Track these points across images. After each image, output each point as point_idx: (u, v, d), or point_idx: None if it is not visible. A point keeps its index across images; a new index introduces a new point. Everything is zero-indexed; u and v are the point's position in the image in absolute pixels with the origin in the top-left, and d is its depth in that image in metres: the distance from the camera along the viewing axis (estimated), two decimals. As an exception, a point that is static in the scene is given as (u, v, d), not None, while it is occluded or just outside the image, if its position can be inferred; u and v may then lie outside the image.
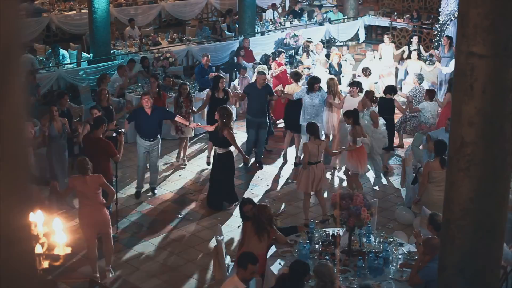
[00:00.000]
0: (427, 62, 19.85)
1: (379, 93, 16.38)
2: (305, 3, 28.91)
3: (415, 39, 20.86)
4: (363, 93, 14.25)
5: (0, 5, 1.43)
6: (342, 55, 19.26)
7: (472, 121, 5.25)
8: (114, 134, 11.88)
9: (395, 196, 13.39)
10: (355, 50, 24.38)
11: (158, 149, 13.20)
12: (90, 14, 18.36)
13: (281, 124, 16.62)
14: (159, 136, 13.19)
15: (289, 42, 21.31)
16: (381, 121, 13.85)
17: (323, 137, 13.63)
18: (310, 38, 20.62)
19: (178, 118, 13.39)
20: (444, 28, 21.37)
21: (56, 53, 18.69)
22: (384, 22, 25.48)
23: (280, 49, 18.80)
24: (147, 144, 12.94)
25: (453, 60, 18.11)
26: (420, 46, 20.82)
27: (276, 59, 18.04)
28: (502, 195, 5.45)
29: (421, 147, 14.08)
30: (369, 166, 13.59)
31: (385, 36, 20.60)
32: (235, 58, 19.87)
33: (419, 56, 19.48)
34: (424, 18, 24.80)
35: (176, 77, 17.64)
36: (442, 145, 10.73)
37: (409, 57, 19.85)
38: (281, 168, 14.80)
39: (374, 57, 19.00)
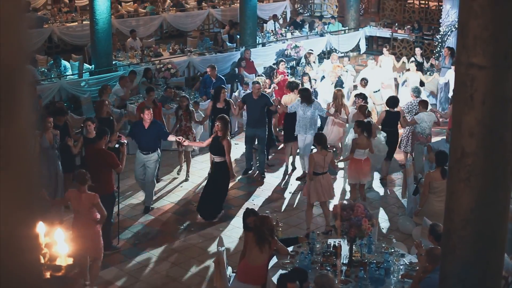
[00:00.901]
0: (428, 73, 19.88)
1: (382, 99, 16.42)
2: (306, 14, 29.01)
3: (418, 50, 20.89)
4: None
5: (8, 19, 1.46)
6: (343, 66, 19.29)
7: (472, 131, 5.26)
8: (117, 145, 11.90)
9: (396, 207, 13.39)
10: (356, 61, 24.43)
11: (154, 163, 13.02)
12: (91, 25, 18.44)
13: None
14: (157, 150, 13.06)
15: (290, 53, 21.37)
16: (382, 137, 13.82)
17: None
18: (312, 50, 20.68)
19: (171, 137, 13.24)
20: (445, 39, 21.46)
21: (58, 64, 18.76)
22: (385, 33, 25.56)
23: (280, 58, 18.82)
24: (143, 157, 12.93)
25: (449, 70, 18.33)
26: (424, 58, 20.86)
27: (277, 68, 18.10)
28: (503, 205, 5.46)
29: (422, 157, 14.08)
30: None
31: (384, 48, 20.60)
32: (237, 69, 19.93)
33: (419, 67, 19.50)
34: (425, 29, 24.88)
35: (178, 88, 17.69)
36: (443, 156, 10.75)
37: (408, 69, 19.84)
38: (282, 179, 14.81)
39: (376, 65, 19.00)
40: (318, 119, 14.62)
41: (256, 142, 14.73)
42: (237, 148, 15.80)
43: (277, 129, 16.68)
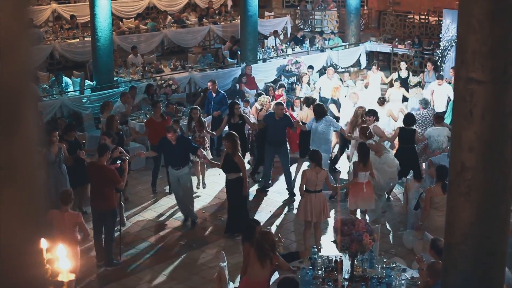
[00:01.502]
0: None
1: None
2: (306, 30, 29.10)
3: (403, 65, 20.87)
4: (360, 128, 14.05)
5: (13, 36, 1.49)
6: (344, 81, 19.33)
7: (472, 146, 5.28)
8: (119, 162, 11.94)
9: (397, 222, 13.39)
10: (356, 76, 24.48)
11: (187, 175, 13.13)
12: (93, 42, 18.52)
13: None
14: (188, 164, 13.18)
15: (291, 68, 21.44)
16: (390, 153, 13.75)
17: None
18: (311, 67, 20.74)
19: (199, 152, 13.29)
20: (445, 54, 21.52)
21: (60, 80, 18.83)
22: (386, 48, 25.63)
23: (281, 83, 18.66)
24: (175, 172, 13.02)
25: (431, 84, 18.44)
26: (409, 72, 20.87)
27: (276, 92, 18.00)
28: (503, 220, 5.47)
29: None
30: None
31: (373, 66, 20.53)
32: (238, 85, 19.98)
33: (404, 82, 19.56)
34: (425, 44, 24.94)
35: (179, 104, 17.73)
36: (444, 171, 10.75)
37: (391, 85, 19.82)
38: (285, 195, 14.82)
39: (363, 84, 19.07)
40: (331, 136, 14.55)
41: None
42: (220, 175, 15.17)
43: None
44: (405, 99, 19.14)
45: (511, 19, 5.07)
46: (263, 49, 23.75)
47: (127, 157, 12.28)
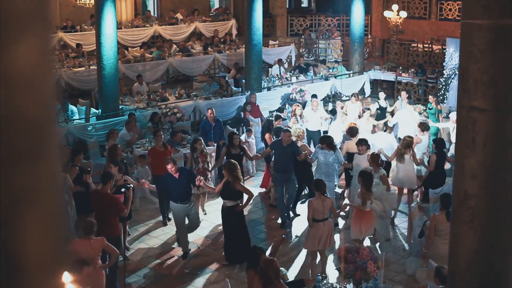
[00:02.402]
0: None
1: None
2: (311, 58, 29.26)
3: (381, 95, 20.88)
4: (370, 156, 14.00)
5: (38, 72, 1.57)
6: (345, 111, 19.35)
7: (474, 173, 5.32)
8: (123, 190, 11.97)
9: (402, 249, 13.36)
10: (361, 105, 24.52)
11: (195, 208, 13.18)
12: (99, 70, 18.65)
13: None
14: (192, 197, 13.11)
15: (295, 97, 21.50)
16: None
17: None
18: (315, 95, 20.80)
19: (202, 184, 13.13)
20: (449, 82, 21.62)
21: (65, 108, 18.93)
22: (389, 76, 25.72)
23: (278, 114, 18.33)
24: (183, 207, 12.88)
25: (400, 111, 18.58)
26: (386, 101, 20.83)
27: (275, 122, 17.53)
28: (507, 247, 5.49)
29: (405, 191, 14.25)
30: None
31: (353, 97, 20.28)
32: (242, 113, 20.05)
33: (382, 112, 19.65)
34: (429, 72, 25.03)
35: (184, 132, 17.77)
36: (447, 198, 10.75)
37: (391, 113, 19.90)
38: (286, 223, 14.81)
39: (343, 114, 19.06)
40: (337, 167, 14.52)
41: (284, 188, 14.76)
42: (206, 216, 15.07)
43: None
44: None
45: (511, 48, 5.14)
46: (267, 78, 23.84)
47: (131, 185, 12.31)
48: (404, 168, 14.68)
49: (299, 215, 14.88)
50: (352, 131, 15.21)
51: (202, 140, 15.06)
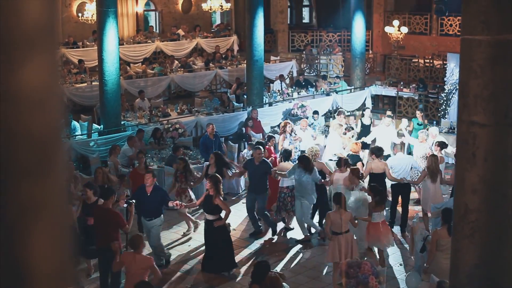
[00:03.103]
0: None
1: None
2: (312, 74, 29.33)
3: (367, 112, 20.84)
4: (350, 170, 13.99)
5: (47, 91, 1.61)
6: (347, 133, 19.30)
7: (475, 188, 5.35)
8: (125, 205, 12.01)
9: (404, 264, 13.36)
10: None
11: (157, 228, 12.99)
12: (101, 86, 18.71)
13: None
14: (160, 216, 12.98)
15: (296, 112, 21.55)
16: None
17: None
18: (317, 111, 20.84)
19: (170, 203, 13.05)
20: (450, 97, 21.65)
21: (68, 123, 19.00)
22: (391, 91, 25.75)
23: (270, 134, 18.15)
24: (146, 223, 12.93)
25: (378, 127, 18.65)
26: (371, 119, 20.73)
27: (267, 144, 17.07)
28: (507, 261, 5.50)
29: (429, 214, 14.12)
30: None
31: (338, 114, 20.01)
32: (244, 128, 20.08)
33: (366, 131, 19.68)
34: (430, 88, 25.07)
35: (185, 148, 17.79)
36: (449, 213, 10.76)
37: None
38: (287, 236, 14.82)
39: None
40: (314, 186, 14.27)
41: (256, 206, 14.61)
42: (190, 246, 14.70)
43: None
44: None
45: (511, 63, 5.17)
46: (269, 93, 23.91)
47: (133, 201, 12.32)
48: (435, 189, 14.42)
49: (292, 228, 14.85)
50: (377, 152, 15.03)
51: (186, 160, 14.92)
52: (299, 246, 14.25)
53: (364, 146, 19.09)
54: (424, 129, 17.74)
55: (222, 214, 12.59)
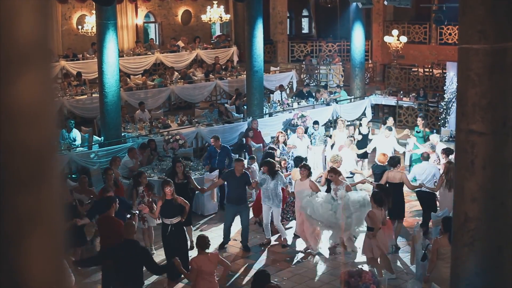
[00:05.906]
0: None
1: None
2: (312, 84, 29.38)
3: (364, 121, 20.86)
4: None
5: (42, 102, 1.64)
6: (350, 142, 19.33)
7: (474, 196, 5.36)
8: (128, 216, 12.02)
9: (405, 273, 13.34)
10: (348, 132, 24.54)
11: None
12: (101, 98, 18.74)
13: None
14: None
15: (297, 122, 21.56)
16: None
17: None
18: (317, 121, 20.84)
19: (147, 212, 13.12)
20: (450, 106, 21.69)
21: (69, 129, 19.10)
22: (391, 101, 25.79)
23: (252, 155, 17.99)
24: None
25: (376, 136, 18.70)
26: (369, 128, 20.76)
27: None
28: (507, 269, 5.51)
29: (430, 224, 14.12)
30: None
31: (339, 120, 20.24)
32: (244, 139, 20.10)
33: (364, 139, 19.75)
34: (430, 96, 25.12)
35: (186, 159, 17.78)
36: (450, 222, 10.75)
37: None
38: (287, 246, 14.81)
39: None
40: (280, 191, 14.44)
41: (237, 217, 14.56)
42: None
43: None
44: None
45: (509, 72, 5.19)
46: (269, 104, 23.93)
47: (136, 211, 12.32)
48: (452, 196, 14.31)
49: (249, 250, 14.57)
50: (393, 162, 14.88)
51: (146, 176, 14.59)
52: (300, 256, 14.23)
53: (363, 155, 19.16)
54: (426, 143, 17.69)
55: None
